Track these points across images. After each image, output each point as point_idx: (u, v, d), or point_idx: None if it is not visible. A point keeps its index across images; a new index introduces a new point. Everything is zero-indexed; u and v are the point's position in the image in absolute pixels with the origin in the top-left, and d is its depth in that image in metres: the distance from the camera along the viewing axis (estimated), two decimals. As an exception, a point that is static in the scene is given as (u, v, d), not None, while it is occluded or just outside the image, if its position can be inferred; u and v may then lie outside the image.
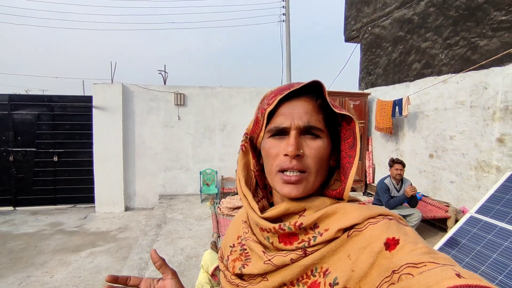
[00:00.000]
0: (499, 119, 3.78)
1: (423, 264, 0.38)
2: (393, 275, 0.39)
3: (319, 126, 0.52)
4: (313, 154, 0.51)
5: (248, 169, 0.60)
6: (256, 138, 0.58)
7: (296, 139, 0.51)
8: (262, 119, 0.55)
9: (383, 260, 0.42)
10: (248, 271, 0.54)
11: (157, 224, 4.62)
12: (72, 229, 4.85)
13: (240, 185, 0.59)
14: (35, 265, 3.64)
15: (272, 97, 0.54)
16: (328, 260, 0.48)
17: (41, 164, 5.85)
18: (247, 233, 0.59)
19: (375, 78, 6.48)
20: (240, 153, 0.61)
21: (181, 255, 3.62)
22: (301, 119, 0.51)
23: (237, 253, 0.61)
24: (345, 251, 0.47)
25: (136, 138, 5.93)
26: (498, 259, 2.89)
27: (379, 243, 0.44)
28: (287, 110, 0.53)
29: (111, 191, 5.73)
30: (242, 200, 0.58)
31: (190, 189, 6.18)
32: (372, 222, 0.47)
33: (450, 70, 4.50)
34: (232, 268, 0.58)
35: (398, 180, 3.88)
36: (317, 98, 0.54)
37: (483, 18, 4.02)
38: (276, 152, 0.52)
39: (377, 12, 6.37)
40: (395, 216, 0.49)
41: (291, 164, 0.50)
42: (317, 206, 0.52)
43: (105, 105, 5.64)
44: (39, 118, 5.79)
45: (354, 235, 0.47)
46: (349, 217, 0.48)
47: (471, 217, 3.47)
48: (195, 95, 6.13)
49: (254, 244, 0.55)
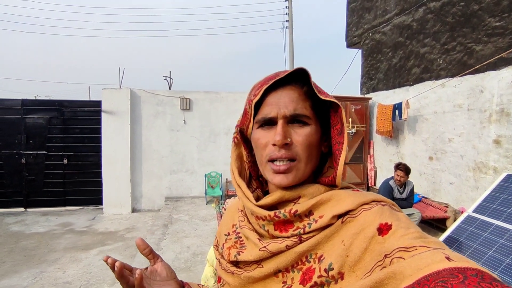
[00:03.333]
0: (495, 121, 3.90)
1: (414, 248, 0.38)
2: (385, 259, 0.40)
3: (306, 113, 0.53)
4: (302, 141, 0.52)
5: (241, 160, 0.61)
6: (246, 129, 0.58)
7: (283, 128, 0.51)
8: (250, 110, 0.55)
9: (376, 245, 0.43)
10: (244, 258, 0.54)
11: (163, 224, 4.77)
12: (81, 229, 5.01)
13: (234, 176, 0.60)
14: (47, 261, 3.80)
15: (258, 87, 0.54)
16: (322, 246, 0.49)
17: (52, 166, 6.04)
18: (243, 221, 0.59)
19: (376, 83, 6.62)
20: (233, 145, 0.61)
21: (187, 252, 3.75)
22: (287, 108, 0.52)
23: (232, 241, 0.62)
24: (339, 237, 0.48)
25: (143, 142, 6.12)
26: (494, 255, 2.98)
27: (372, 228, 0.44)
28: (274, 100, 0.53)
29: (119, 193, 5.90)
30: (237, 190, 0.59)
31: (195, 192, 6.33)
32: (365, 208, 0.48)
33: (448, 74, 4.64)
34: (227, 255, 0.59)
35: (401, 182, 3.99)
36: (303, 85, 0.54)
37: (478, 24, 4.16)
38: (265, 142, 0.53)
39: (378, 18, 6.55)
40: (388, 202, 0.50)
41: (280, 153, 0.51)
42: (311, 193, 0.53)
43: (113, 109, 5.83)
44: (50, 122, 6.00)
45: (348, 221, 0.48)
46: (343, 204, 0.49)
47: (468, 216, 3.57)
48: (200, 100, 6.32)
49: (249, 232, 0.56)
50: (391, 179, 4.05)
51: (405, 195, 4.04)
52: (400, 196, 4.03)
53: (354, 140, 6.31)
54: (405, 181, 4.00)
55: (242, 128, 0.59)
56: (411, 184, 4.11)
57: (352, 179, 6.37)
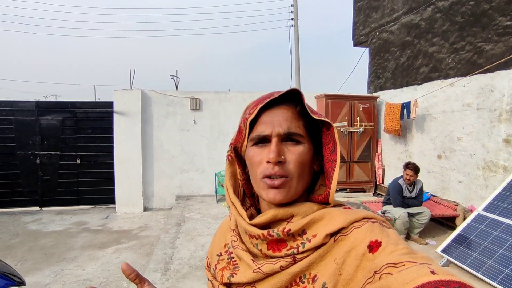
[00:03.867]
0: (505, 120, 3.93)
1: (402, 263, 0.39)
2: (374, 275, 0.41)
3: (299, 132, 0.54)
4: (294, 159, 0.53)
5: (235, 178, 0.62)
6: (240, 147, 0.59)
7: (277, 146, 0.52)
8: (244, 128, 0.57)
9: (367, 262, 0.44)
10: (237, 280, 0.54)
11: (176, 223, 4.88)
12: (96, 228, 5.13)
13: (228, 193, 0.60)
14: (67, 259, 3.92)
15: (253, 107, 0.56)
16: (316, 266, 0.49)
17: (65, 166, 6.18)
18: (236, 241, 0.59)
19: (383, 82, 6.65)
20: (227, 163, 0.62)
21: (202, 250, 3.85)
22: (281, 126, 0.53)
23: (224, 262, 0.61)
24: (332, 256, 0.48)
25: (154, 142, 6.22)
26: (505, 254, 3.04)
27: (363, 246, 0.45)
28: (268, 118, 0.54)
29: (131, 192, 6.02)
30: (231, 208, 0.59)
31: (205, 190, 6.43)
32: (356, 226, 0.49)
33: (457, 74, 4.66)
34: (220, 277, 0.59)
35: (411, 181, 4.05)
36: (297, 105, 0.56)
37: (488, 24, 4.18)
38: (260, 160, 0.54)
39: (385, 17, 6.56)
40: (378, 219, 0.51)
41: (274, 171, 0.52)
42: (304, 212, 0.54)
43: (125, 110, 5.94)
44: (63, 123, 6.13)
45: (340, 239, 0.49)
46: (335, 222, 0.50)
47: (478, 215, 3.62)
48: (210, 100, 6.40)
49: (242, 253, 0.56)
50: (401, 178, 4.11)
51: (414, 194, 4.10)
52: (410, 195, 4.09)
53: (362, 139, 6.36)
54: (414, 180, 4.06)
55: (236, 146, 0.60)
56: (421, 182, 4.17)
57: (360, 177, 6.43)
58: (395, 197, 4.05)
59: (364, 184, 6.51)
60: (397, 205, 4.03)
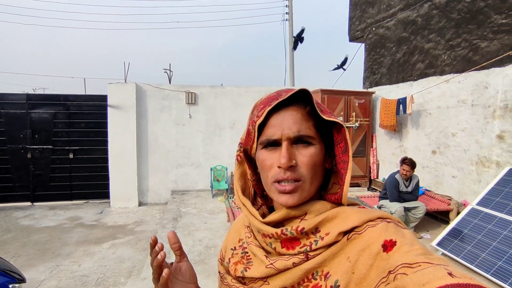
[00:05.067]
0: (499, 117, 4.00)
1: (417, 264, 0.38)
2: (389, 275, 0.40)
3: (309, 134, 0.53)
4: (306, 162, 0.52)
5: (245, 178, 0.61)
6: (249, 149, 0.59)
7: (288, 150, 0.51)
8: (253, 131, 0.55)
9: (381, 261, 0.43)
10: (250, 274, 0.55)
11: (173, 218, 4.85)
12: (90, 223, 5.07)
13: (238, 195, 0.60)
14: (62, 255, 3.87)
15: (261, 108, 0.54)
16: (329, 263, 0.49)
17: (58, 161, 6.06)
18: (250, 237, 0.60)
19: (379, 77, 6.69)
20: (236, 163, 0.62)
21: (200, 245, 3.85)
22: (291, 130, 0.52)
23: (238, 256, 0.62)
24: (345, 254, 0.48)
25: (149, 136, 6.15)
26: (498, 246, 3.12)
27: (377, 245, 0.45)
28: (277, 121, 0.53)
29: (125, 187, 5.95)
30: (242, 209, 0.59)
31: (201, 185, 6.41)
32: (371, 225, 0.48)
33: (453, 70, 4.72)
34: (234, 271, 0.59)
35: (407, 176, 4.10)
36: (306, 105, 0.54)
37: (484, 21, 4.23)
38: (270, 164, 0.53)
39: (381, 13, 6.58)
40: (393, 219, 0.50)
41: (285, 175, 0.51)
42: (317, 210, 0.53)
43: (119, 104, 5.84)
44: (55, 117, 5.99)
45: (353, 238, 0.48)
46: (349, 221, 0.49)
47: (472, 209, 3.70)
48: (206, 94, 6.34)
49: (256, 249, 0.56)
50: (397, 173, 4.16)
51: (410, 189, 4.16)
52: (406, 190, 4.15)
53: (357, 134, 6.41)
54: (411, 175, 4.12)
55: (246, 148, 0.60)
56: (417, 177, 4.23)
57: (355, 172, 6.49)
58: (392, 191, 4.11)
59: (358, 179, 6.58)
60: (394, 200, 4.09)
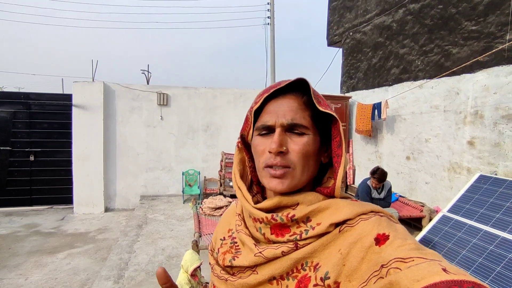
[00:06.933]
0: (469, 123, 3.99)
1: (411, 259, 0.38)
2: (381, 269, 0.40)
3: (304, 123, 0.53)
4: (298, 150, 0.52)
5: (244, 164, 0.62)
6: (246, 135, 0.60)
7: (280, 136, 0.52)
8: (250, 117, 0.57)
9: (373, 255, 0.43)
10: (238, 263, 0.54)
11: (137, 225, 4.57)
12: (48, 231, 4.70)
13: (235, 178, 0.61)
14: (8, 267, 3.52)
15: (260, 95, 0.56)
16: (319, 255, 0.48)
17: (16, 163, 5.65)
18: (240, 225, 0.60)
19: (356, 82, 6.67)
20: (236, 150, 0.63)
21: (162, 255, 3.60)
22: (285, 117, 0.52)
23: (227, 246, 0.61)
24: (336, 246, 0.47)
25: (118, 138, 5.84)
26: (467, 255, 3.05)
27: (370, 238, 0.45)
28: (273, 108, 0.54)
29: (91, 192, 5.61)
30: (237, 192, 0.59)
31: (172, 190, 6.14)
32: (363, 218, 0.48)
33: (426, 76, 4.71)
34: (222, 260, 0.59)
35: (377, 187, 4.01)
36: (303, 95, 0.55)
37: (455, 27, 4.24)
38: (263, 149, 0.54)
39: (359, 18, 6.57)
40: (386, 214, 0.50)
41: (275, 161, 0.52)
42: (309, 201, 0.53)
43: (85, 103, 5.52)
44: (15, 116, 5.59)
45: (345, 230, 0.48)
46: (341, 213, 0.49)
47: (443, 216, 3.64)
48: (179, 95, 6.11)
49: (245, 237, 0.56)
50: (369, 179, 4.07)
51: (383, 195, 4.07)
52: (378, 196, 4.06)
53: (334, 139, 6.33)
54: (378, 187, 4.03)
55: (243, 134, 0.60)
56: (389, 184, 4.15)
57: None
58: (364, 198, 4.00)
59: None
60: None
